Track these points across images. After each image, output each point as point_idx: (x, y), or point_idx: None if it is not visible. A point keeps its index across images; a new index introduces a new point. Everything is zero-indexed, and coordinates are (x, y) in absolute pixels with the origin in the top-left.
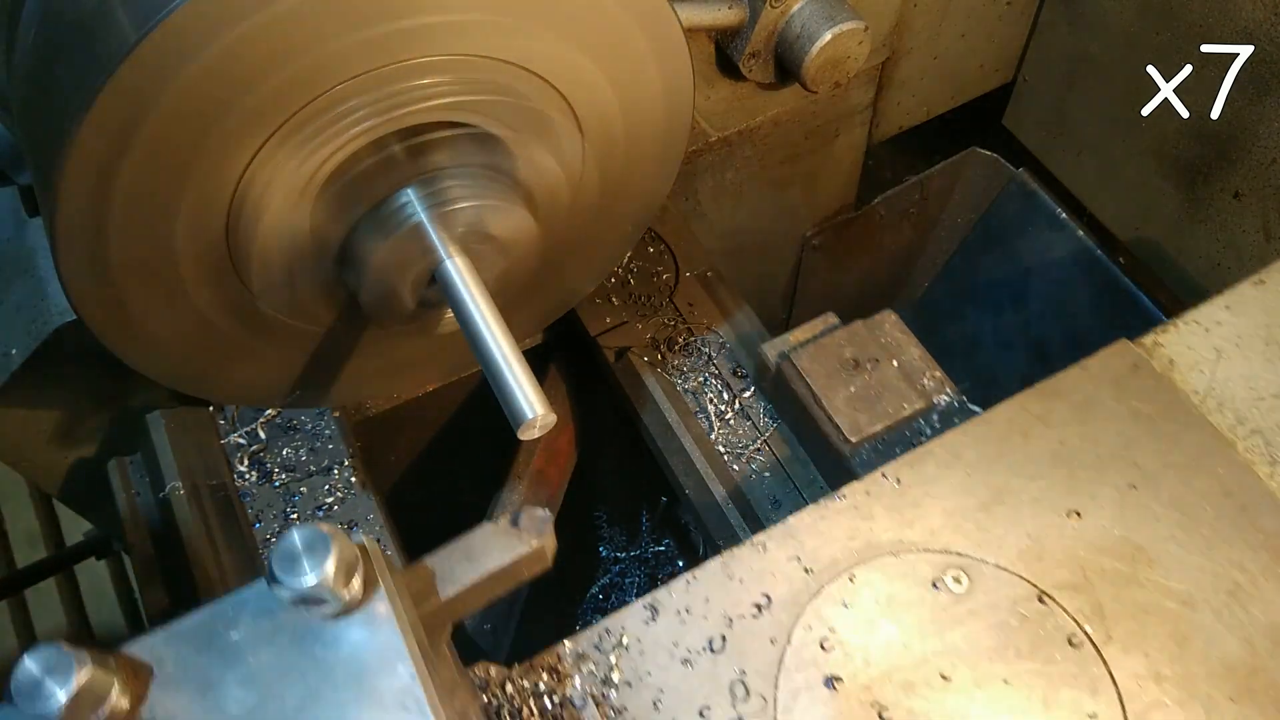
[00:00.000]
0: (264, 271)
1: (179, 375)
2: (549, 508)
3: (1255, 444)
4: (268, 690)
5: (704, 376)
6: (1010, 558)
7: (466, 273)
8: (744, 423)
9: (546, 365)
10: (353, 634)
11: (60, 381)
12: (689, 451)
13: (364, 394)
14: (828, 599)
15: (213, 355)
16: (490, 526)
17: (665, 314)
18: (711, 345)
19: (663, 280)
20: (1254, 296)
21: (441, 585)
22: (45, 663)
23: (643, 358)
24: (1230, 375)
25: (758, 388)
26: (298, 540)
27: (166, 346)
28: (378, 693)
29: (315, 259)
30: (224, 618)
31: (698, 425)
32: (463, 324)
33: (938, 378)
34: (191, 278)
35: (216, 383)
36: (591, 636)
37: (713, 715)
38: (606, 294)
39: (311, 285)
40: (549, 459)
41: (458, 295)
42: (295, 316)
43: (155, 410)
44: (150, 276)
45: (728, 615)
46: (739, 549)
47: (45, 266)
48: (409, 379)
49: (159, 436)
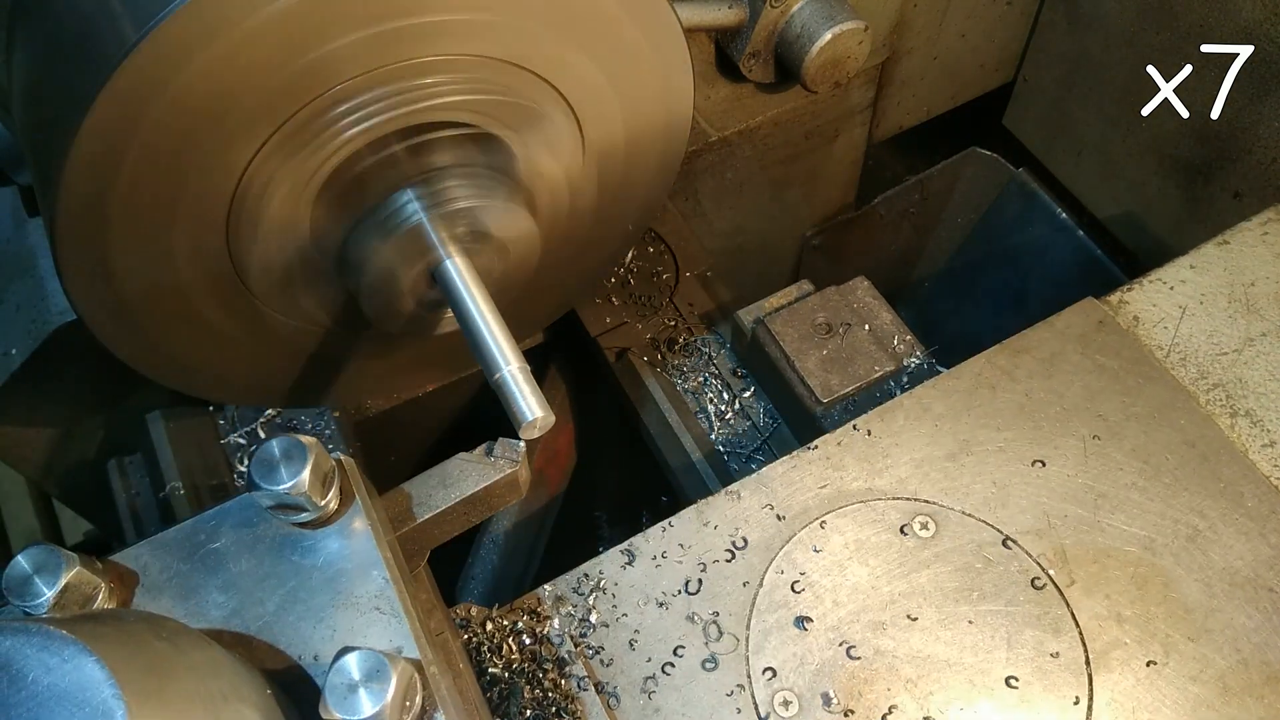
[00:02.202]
0: (264, 272)
1: (179, 375)
2: (549, 508)
3: (1217, 397)
4: (248, 595)
5: (704, 376)
6: (976, 505)
7: (466, 273)
8: (744, 423)
9: (546, 365)
10: (330, 544)
11: (60, 381)
12: (689, 451)
13: (364, 394)
14: (799, 544)
15: (213, 355)
16: (465, 455)
17: (665, 314)
18: (711, 345)
19: (663, 280)
20: (1218, 256)
21: (418, 509)
22: (36, 561)
23: (643, 358)
24: (1193, 331)
25: (733, 351)
26: (276, 449)
27: (166, 346)
28: (353, 597)
29: (315, 259)
30: (206, 528)
31: (698, 425)
32: (463, 324)
33: (908, 341)
34: (191, 278)
35: (217, 383)
36: (570, 580)
37: (686, 654)
38: (606, 294)
39: (311, 286)
40: (549, 459)
41: (458, 295)
42: (295, 317)
43: (155, 410)
44: (150, 277)
45: (702, 560)
46: (714, 498)
47: (45, 266)
48: (409, 379)
49: (159, 436)
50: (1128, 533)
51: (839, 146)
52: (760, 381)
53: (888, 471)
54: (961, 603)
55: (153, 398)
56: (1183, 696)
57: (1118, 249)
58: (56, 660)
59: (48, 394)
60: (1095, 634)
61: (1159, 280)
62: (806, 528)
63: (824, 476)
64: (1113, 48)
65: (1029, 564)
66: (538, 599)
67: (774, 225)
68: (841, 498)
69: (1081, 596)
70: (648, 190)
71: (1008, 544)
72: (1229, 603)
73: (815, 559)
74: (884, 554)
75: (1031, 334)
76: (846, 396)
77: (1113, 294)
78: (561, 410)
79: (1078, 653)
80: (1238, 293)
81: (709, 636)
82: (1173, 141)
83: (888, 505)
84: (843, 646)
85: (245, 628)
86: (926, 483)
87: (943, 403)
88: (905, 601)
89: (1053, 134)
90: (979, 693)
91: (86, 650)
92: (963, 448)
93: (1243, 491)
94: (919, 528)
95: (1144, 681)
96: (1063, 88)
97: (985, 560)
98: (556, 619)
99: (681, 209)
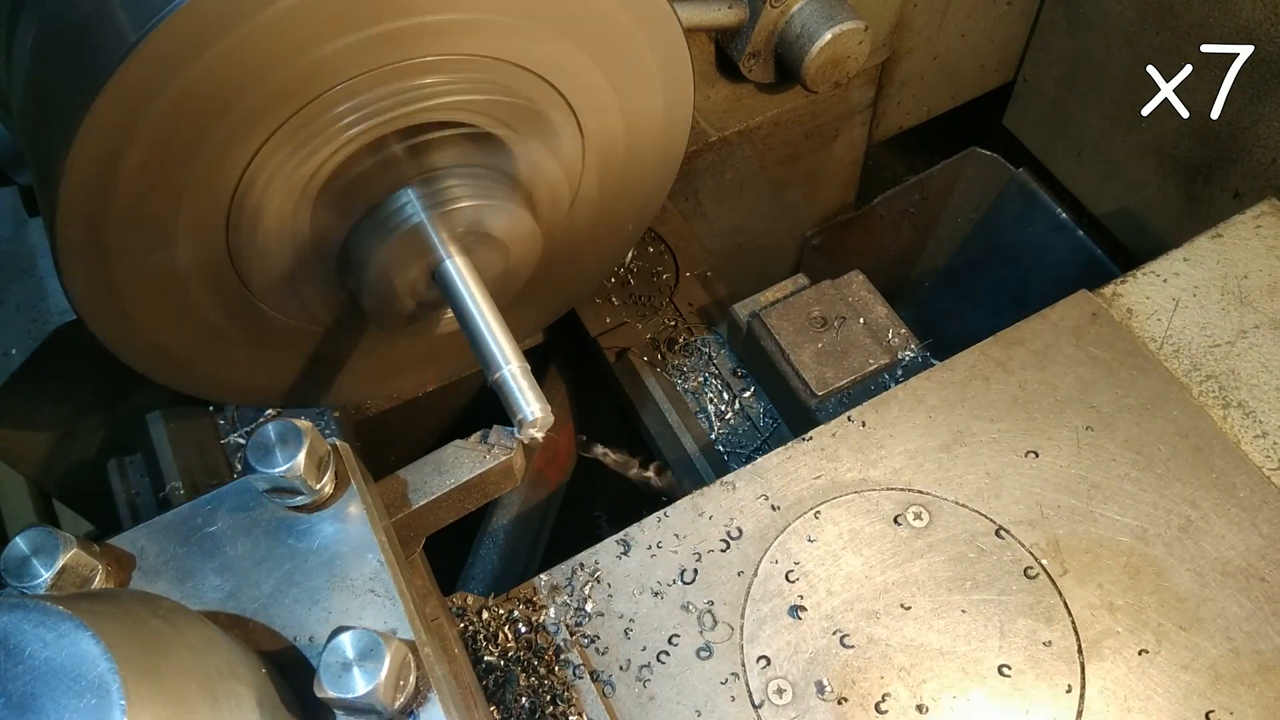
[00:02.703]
0: (264, 272)
1: (179, 375)
2: (549, 508)
3: (1210, 388)
4: (244, 578)
5: (704, 376)
6: (969, 495)
7: (466, 273)
8: (744, 423)
9: (546, 365)
10: (325, 528)
11: (60, 381)
12: (689, 451)
13: (364, 394)
14: (793, 534)
15: (213, 355)
16: (460, 442)
17: (665, 314)
18: (711, 345)
19: (663, 280)
20: (1211, 249)
21: (413, 495)
22: (33, 543)
23: (643, 358)
24: (1186, 323)
25: (730, 346)
26: (272, 432)
27: (166, 346)
28: (348, 579)
29: (315, 259)
30: (203, 512)
31: (698, 425)
32: (463, 324)
33: (903, 334)
34: (191, 278)
35: (217, 383)
36: (565, 570)
37: (681, 642)
38: (606, 294)
39: (312, 286)
40: (549, 459)
41: (458, 295)
42: (295, 317)
43: (155, 410)
44: (150, 277)
45: (697, 550)
46: (709, 488)
47: (45, 266)
48: (409, 379)
49: (159, 436)
50: (1120, 523)
51: (839, 146)
52: (756, 375)
53: (882, 462)
54: (955, 592)
55: (153, 398)
56: (1175, 685)
57: (1118, 249)
58: (54, 635)
59: (48, 394)
60: (1088, 623)
61: (1152, 273)
62: (801, 518)
63: (818, 467)
64: (1113, 48)
65: (1022, 554)
66: (533, 588)
67: (774, 225)
68: (836, 488)
69: (1074, 586)
70: (648, 190)
71: (1001, 534)
72: (1221, 592)
73: (809, 549)
74: (878, 544)
75: (1025, 326)
76: (841, 390)
77: (1106, 286)
78: (561, 410)
79: (1070, 641)
80: (1231, 285)
81: (704, 625)
82: (1173, 141)
83: (882, 495)
84: (836, 635)
85: (241, 610)
86: (920, 473)
87: (937, 394)
88: (899, 591)
89: (1053, 134)
90: (972, 681)
91: (83, 626)
92: (956, 439)
93: (1235, 482)
94: (913, 518)
95: (1136, 670)
96: (1063, 88)
97: (978, 550)
98: (552, 608)
99: (681, 209)
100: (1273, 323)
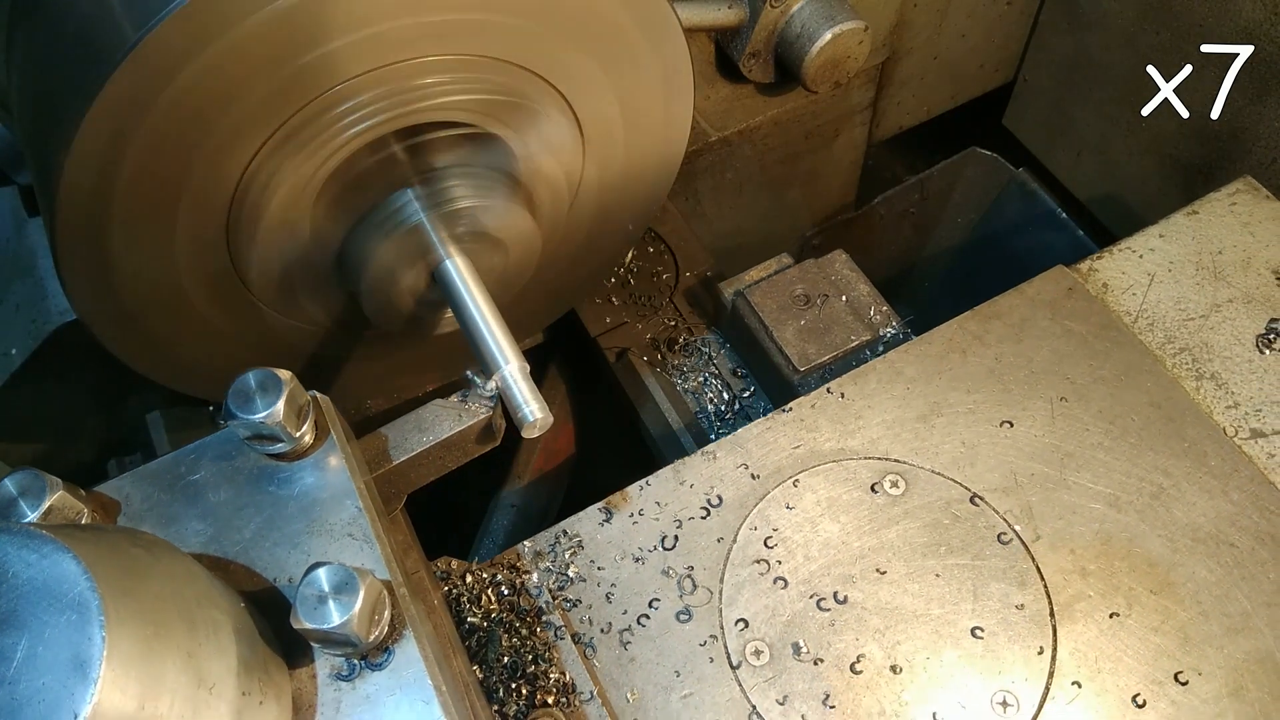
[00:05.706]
0: (264, 271)
1: (178, 375)
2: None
3: (1183, 360)
4: (225, 523)
5: (704, 376)
6: (945, 464)
7: (466, 273)
8: (744, 422)
9: (546, 365)
10: (305, 476)
11: (60, 381)
12: (689, 451)
13: (364, 394)
14: (772, 502)
15: (213, 355)
16: (441, 401)
17: (665, 314)
18: (711, 345)
19: (663, 280)
20: (1186, 225)
21: (394, 452)
22: (21, 485)
23: (643, 358)
24: (1161, 298)
25: (713, 326)
26: (252, 380)
27: (166, 346)
28: (327, 524)
29: (315, 259)
30: (187, 461)
31: (698, 425)
32: (462, 324)
33: (884, 312)
34: (191, 278)
35: (217, 383)
36: (548, 537)
37: (661, 606)
38: (606, 294)
39: (311, 286)
40: (549, 459)
41: (457, 295)
42: (295, 317)
43: (155, 410)
44: (150, 276)
45: (678, 517)
46: (690, 458)
47: (45, 266)
48: (409, 379)
49: (159, 436)
50: (1093, 490)
51: (839, 146)
52: (740, 352)
53: (860, 432)
54: (929, 557)
55: (153, 398)
56: (1144, 646)
57: None
58: (36, 557)
59: (48, 394)
60: (1060, 587)
61: (1128, 249)
62: (780, 486)
63: (798, 437)
64: (1113, 48)
65: (996, 520)
66: (517, 554)
67: (774, 225)
68: (814, 457)
69: (1047, 551)
70: (648, 190)
71: (975, 501)
72: (1191, 557)
73: (788, 515)
74: (855, 511)
75: (1002, 300)
76: (823, 365)
77: (1082, 262)
78: (561, 410)
79: (1042, 605)
80: (1205, 261)
81: (684, 590)
82: (1173, 141)
83: (859, 464)
84: (813, 599)
85: (223, 553)
86: (897, 443)
87: (915, 366)
88: (875, 556)
89: (1053, 134)
90: (945, 642)
91: (65, 548)
92: (933, 409)
93: (1206, 451)
94: (889, 486)
95: (1107, 632)
96: (1063, 88)
97: (953, 516)
98: (535, 573)
99: (681, 209)
100: (1246, 297)
